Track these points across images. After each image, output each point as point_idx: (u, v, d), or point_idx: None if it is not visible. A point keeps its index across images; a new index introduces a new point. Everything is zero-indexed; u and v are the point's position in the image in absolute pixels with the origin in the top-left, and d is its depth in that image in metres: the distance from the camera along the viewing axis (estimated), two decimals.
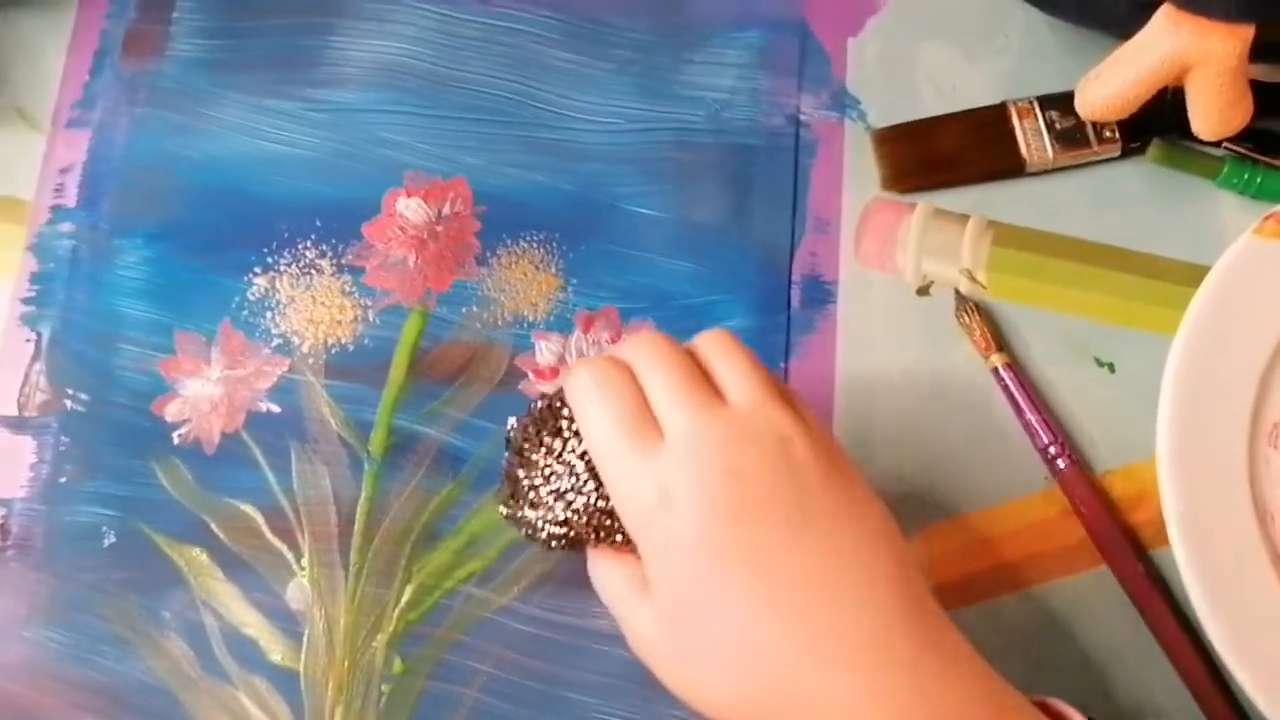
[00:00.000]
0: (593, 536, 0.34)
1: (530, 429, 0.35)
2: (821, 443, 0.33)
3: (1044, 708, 0.33)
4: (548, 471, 0.35)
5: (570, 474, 0.34)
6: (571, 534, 0.34)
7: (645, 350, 0.34)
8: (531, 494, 0.35)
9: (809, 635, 0.31)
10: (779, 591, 0.31)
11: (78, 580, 0.40)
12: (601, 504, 0.34)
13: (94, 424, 0.41)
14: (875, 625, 0.31)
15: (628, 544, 0.34)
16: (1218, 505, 0.40)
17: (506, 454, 0.36)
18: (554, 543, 0.35)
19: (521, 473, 0.35)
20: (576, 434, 0.34)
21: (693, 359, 0.34)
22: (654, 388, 0.33)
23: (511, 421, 0.36)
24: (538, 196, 0.44)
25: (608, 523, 0.34)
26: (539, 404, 0.36)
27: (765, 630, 0.31)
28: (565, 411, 0.35)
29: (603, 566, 0.35)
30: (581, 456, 0.34)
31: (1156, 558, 0.42)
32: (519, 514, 0.35)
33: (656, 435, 0.33)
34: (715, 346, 0.35)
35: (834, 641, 0.31)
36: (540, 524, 0.35)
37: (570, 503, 0.34)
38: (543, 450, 0.35)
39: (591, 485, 0.34)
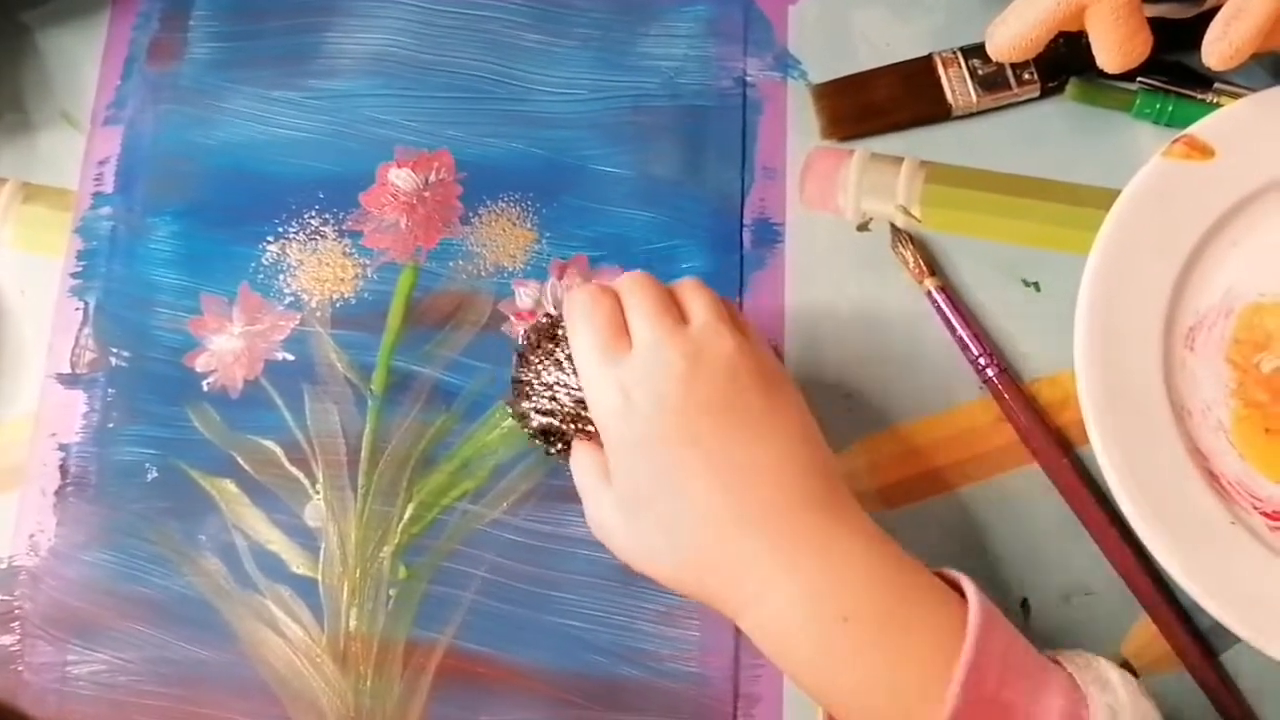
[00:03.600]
0: (572, 426, 0.41)
1: (533, 336, 0.42)
2: (761, 360, 0.39)
3: (940, 577, 0.38)
4: (541, 369, 0.41)
5: (559, 370, 0.41)
6: (555, 422, 0.41)
7: (631, 283, 0.41)
8: (527, 388, 0.42)
9: (734, 509, 0.37)
10: (713, 474, 0.37)
11: (126, 510, 0.46)
12: (582, 396, 0.40)
13: (135, 377, 0.47)
14: (789, 501, 0.37)
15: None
16: (1135, 403, 0.44)
17: (514, 360, 0.43)
18: (542, 433, 0.42)
19: (522, 373, 0.42)
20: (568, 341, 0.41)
21: (669, 294, 0.40)
22: (631, 310, 0.40)
23: (521, 333, 0.43)
24: (513, 162, 0.49)
25: (585, 413, 0.40)
26: (544, 318, 0.43)
27: (700, 504, 0.37)
28: (563, 323, 0.41)
29: (582, 455, 0.41)
30: (570, 359, 0.40)
31: (1083, 455, 0.45)
32: (517, 407, 0.42)
33: (626, 348, 0.39)
34: (688, 287, 0.41)
35: (753, 513, 0.37)
36: (531, 413, 0.41)
37: (556, 395, 0.41)
38: (541, 352, 0.42)
39: (576, 381, 0.40)
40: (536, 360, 0.42)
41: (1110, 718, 0.34)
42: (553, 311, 0.44)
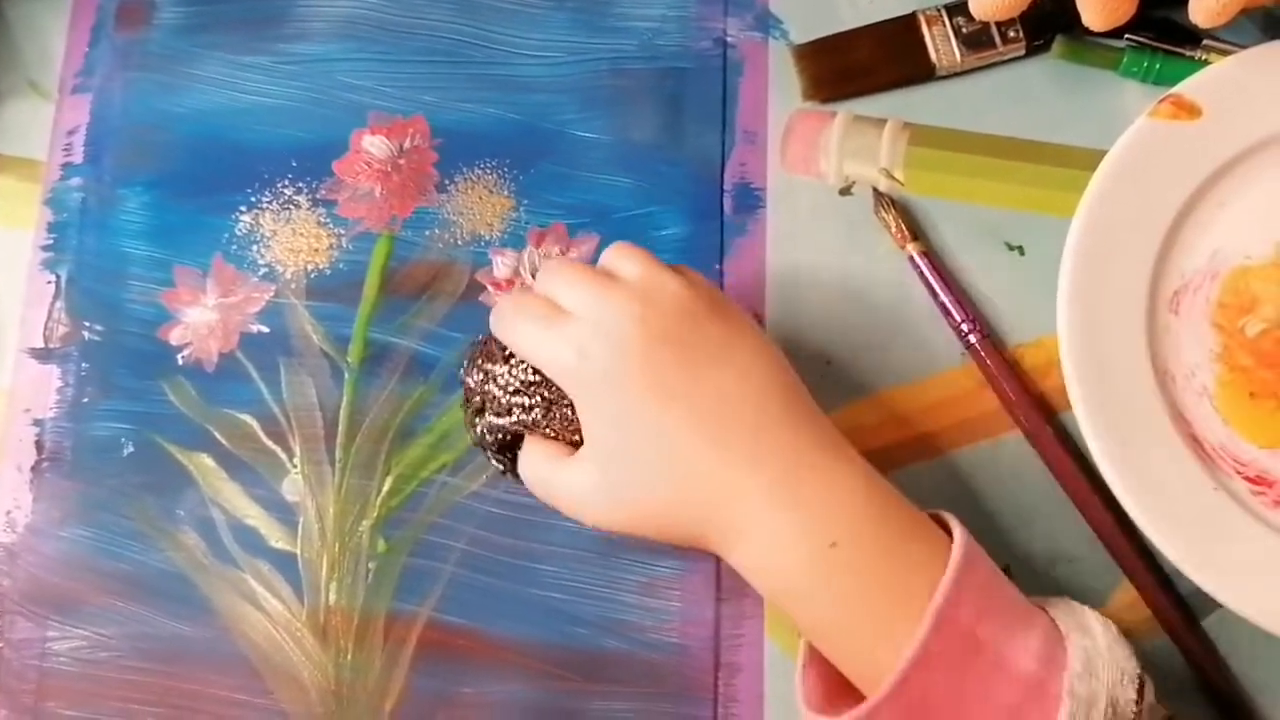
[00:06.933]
0: (531, 416, 0.40)
1: (468, 363, 0.41)
2: (708, 293, 0.39)
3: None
4: (499, 381, 0.40)
5: (504, 367, 0.40)
6: (516, 419, 0.40)
7: (549, 272, 0.40)
8: (488, 404, 0.40)
9: (710, 440, 0.37)
10: (685, 409, 0.37)
11: (103, 485, 0.46)
12: (527, 381, 0.39)
13: (109, 351, 0.47)
14: (763, 424, 0.37)
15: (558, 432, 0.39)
16: (1118, 368, 0.43)
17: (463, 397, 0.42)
18: (512, 439, 0.41)
19: (475, 398, 0.41)
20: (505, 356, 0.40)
21: (592, 267, 0.40)
22: (560, 292, 0.39)
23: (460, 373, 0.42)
24: (489, 127, 0.49)
25: (534, 399, 0.39)
26: (470, 353, 0.42)
27: (678, 442, 0.37)
28: (491, 340, 0.41)
29: (530, 450, 0.40)
30: (508, 357, 0.40)
31: (1065, 420, 0.45)
32: (476, 427, 0.41)
33: (569, 315, 0.38)
34: (613, 254, 0.40)
35: (730, 440, 0.37)
36: (493, 423, 0.40)
37: (512, 392, 0.40)
38: (482, 373, 0.41)
39: (519, 372, 0.40)
40: (491, 372, 0.40)
41: (1085, 661, 0.35)
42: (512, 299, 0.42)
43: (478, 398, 0.41)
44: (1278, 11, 0.47)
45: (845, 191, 0.48)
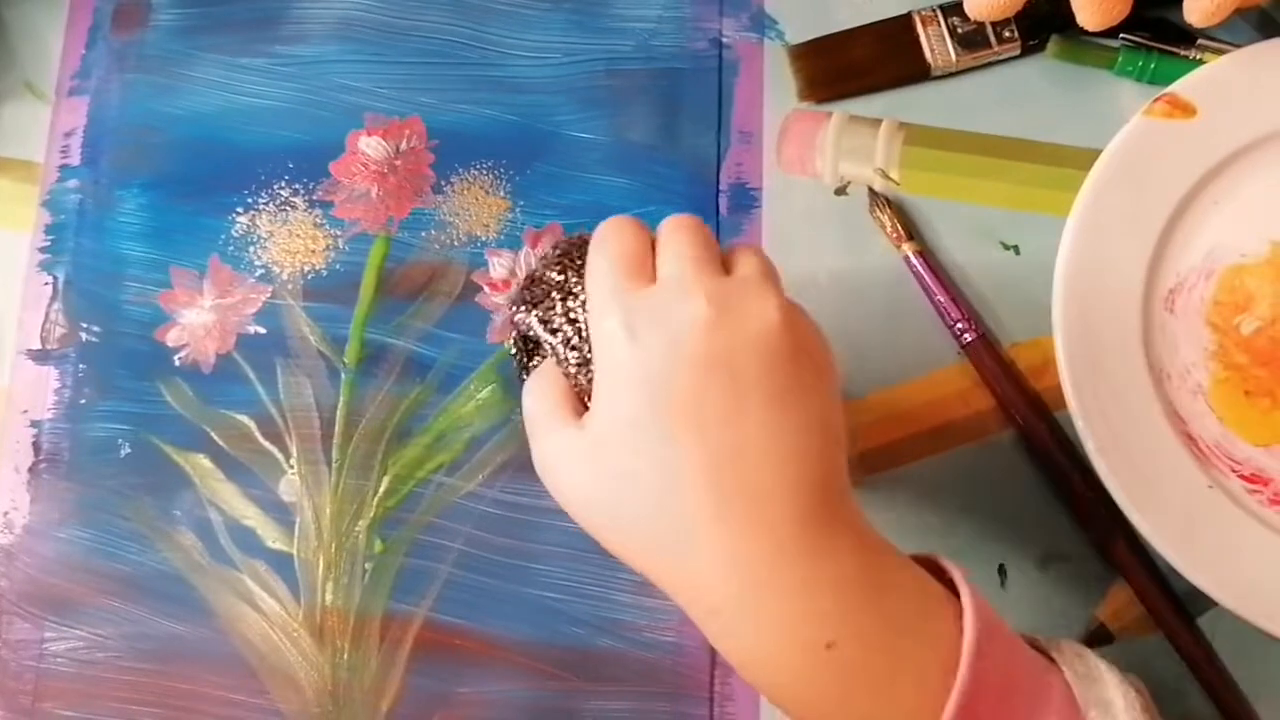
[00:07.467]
0: (563, 352, 0.36)
1: (560, 251, 0.38)
2: (803, 335, 0.34)
3: (929, 564, 0.35)
4: (567, 302, 0.36)
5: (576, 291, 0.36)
6: (554, 342, 0.36)
7: (674, 224, 0.36)
8: (541, 304, 0.37)
9: (713, 486, 0.32)
10: (707, 444, 0.32)
11: (100, 486, 0.46)
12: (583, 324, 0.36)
13: (106, 352, 0.47)
14: (781, 500, 0.32)
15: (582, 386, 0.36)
16: (1114, 367, 0.44)
17: (539, 261, 0.38)
18: (524, 341, 0.38)
19: (538, 289, 0.37)
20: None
21: (716, 245, 0.36)
22: (665, 250, 0.35)
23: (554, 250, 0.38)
24: (485, 128, 0.49)
25: (579, 348, 0.36)
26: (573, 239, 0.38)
27: (675, 484, 0.32)
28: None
29: (543, 378, 0.36)
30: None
31: (1061, 419, 0.45)
32: (517, 311, 0.38)
33: (647, 281, 0.34)
34: (744, 248, 0.36)
35: (733, 496, 0.32)
36: (531, 323, 0.37)
37: (571, 315, 0.36)
38: (561, 276, 0.37)
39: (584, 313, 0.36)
40: (561, 279, 0.37)
41: None
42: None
43: (539, 290, 0.37)
44: (1272, 11, 0.48)
45: (841, 191, 0.48)
